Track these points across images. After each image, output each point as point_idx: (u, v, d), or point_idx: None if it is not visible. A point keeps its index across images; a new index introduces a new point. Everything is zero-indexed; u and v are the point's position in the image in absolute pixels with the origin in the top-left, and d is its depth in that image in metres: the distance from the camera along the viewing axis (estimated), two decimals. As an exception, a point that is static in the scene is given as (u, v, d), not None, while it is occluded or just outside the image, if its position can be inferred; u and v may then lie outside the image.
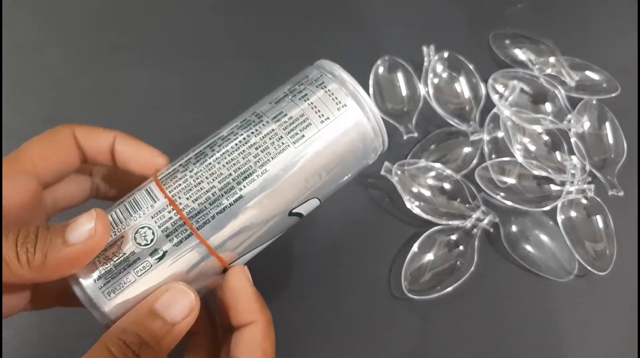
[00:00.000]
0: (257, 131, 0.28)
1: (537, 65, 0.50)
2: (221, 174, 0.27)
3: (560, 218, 0.44)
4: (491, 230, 0.43)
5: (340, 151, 0.29)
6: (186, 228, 0.26)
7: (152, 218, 0.26)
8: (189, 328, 0.24)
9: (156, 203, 0.26)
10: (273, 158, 0.27)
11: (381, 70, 0.49)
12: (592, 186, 0.44)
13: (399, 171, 0.44)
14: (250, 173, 0.27)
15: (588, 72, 0.51)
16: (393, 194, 0.44)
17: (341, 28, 0.53)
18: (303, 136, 0.28)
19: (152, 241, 0.26)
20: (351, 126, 0.28)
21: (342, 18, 0.54)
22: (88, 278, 0.25)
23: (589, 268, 0.43)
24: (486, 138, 0.47)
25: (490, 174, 0.45)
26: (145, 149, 0.30)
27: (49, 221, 0.30)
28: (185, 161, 0.28)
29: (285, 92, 0.29)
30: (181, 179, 0.27)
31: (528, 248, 0.44)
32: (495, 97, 0.47)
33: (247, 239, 0.27)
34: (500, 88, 0.48)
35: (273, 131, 0.28)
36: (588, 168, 0.46)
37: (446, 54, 0.50)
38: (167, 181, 0.27)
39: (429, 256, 0.42)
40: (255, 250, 0.29)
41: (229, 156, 0.27)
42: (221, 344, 0.29)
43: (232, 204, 0.26)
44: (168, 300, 0.24)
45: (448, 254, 0.43)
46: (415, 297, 0.41)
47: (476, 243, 0.43)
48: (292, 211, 0.29)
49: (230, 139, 0.28)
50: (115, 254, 0.25)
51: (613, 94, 0.50)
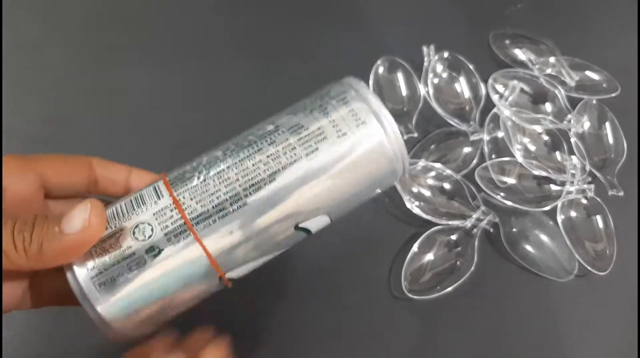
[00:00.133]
0: (271, 141, 0.27)
1: (537, 65, 0.50)
2: (229, 179, 0.26)
3: (560, 218, 0.44)
4: (491, 230, 0.43)
5: (355, 170, 0.27)
6: (186, 229, 0.25)
7: (154, 215, 0.26)
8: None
9: (160, 200, 0.26)
10: (283, 169, 0.26)
11: (381, 70, 0.49)
12: (592, 186, 0.44)
13: (399, 171, 0.44)
14: (257, 181, 0.26)
15: (588, 72, 0.51)
16: (393, 194, 0.44)
17: (341, 28, 0.53)
18: (317, 148, 0.27)
19: (150, 237, 0.25)
20: (369, 145, 0.27)
21: (342, 18, 0.54)
22: (82, 267, 0.25)
23: (589, 268, 0.43)
24: (486, 138, 0.47)
25: (490, 174, 0.45)
26: None
27: None
28: (196, 164, 0.27)
29: (305, 105, 0.28)
30: (189, 181, 0.26)
31: (528, 248, 0.44)
32: (495, 97, 0.47)
33: (248, 248, 0.27)
34: (500, 88, 0.48)
35: (287, 141, 0.27)
36: (588, 168, 0.46)
37: (446, 54, 0.50)
38: (176, 181, 0.27)
39: (429, 256, 0.42)
40: (255, 261, 0.28)
41: (240, 163, 0.27)
42: None
43: (236, 211, 0.26)
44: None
45: (448, 254, 0.43)
46: (415, 297, 0.41)
47: (476, 243, 0.43)
48: (299, 225, 0.27)
49: (243, 146, 0.27)
50: (112, 246, 0.25)
51: (613, 94, 0.50)
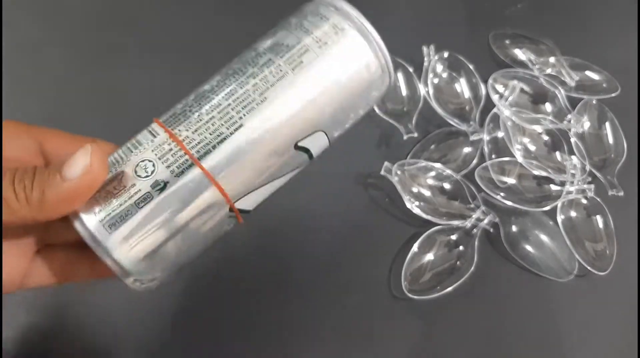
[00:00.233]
0: (254, 62, 0.27)
1: (537, 65, 0.50)
2: (220, 106, 0.26)
3: (560, 218, 0.44)
4: (491, 230, 0.43)
5: (341, 79, 0.28)
6: (187, 159, 0.25)
7: (152, 151, 0.26)
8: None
9: (156, 137, 0.26)
10: (272, 86, 0.26)
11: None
12: (592, 186, 0.44)
13: (399, 171, 0.44)
14: (249, 102, 0.26)
15: (588, 72, 0.51)
16: (393, 194, 0.44)
17: (341, 28, 0.53)
18: (301, 62, 0.27)
19: (153, 172, 0.25)
20: (351, 51, 0.28)
21: (342, 18, 0.54)
22: (89, 213, 0.24)
23: (589, 268, 0.43)
24: (486, 138, 0.47)
25: (490, 174, 0.45)
26: None
27: None
28: (185, 101, 0.27)
29: (282, 26, 0.28)
30: (181, 116, 0.26)
31: (528, 248, 0.44)
32: (495, 97, 0.47)
33: (252, 172, 0.27)
34: (500, 88, 0.48)
35: (270, 60, 0.27)
36: (588, 168, 0.46)
37: (446, 54, 0.50)
38: (168, 119, 0.27)
39: (429, 256, 0.42)
40: (263, 187, 0.27)
41: (227, 88, 0.27)
42: None
43: (233, 134, 0.26)
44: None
45: (448, 254, 0.43)
46: (415, 297, 0.41)
47: (476, 243, 0.43)
48: (298, 144, 0.27)
49: (228, 75, 0.27)
50: (116, 188, 0.25)
51: (613, 94, 0.50)
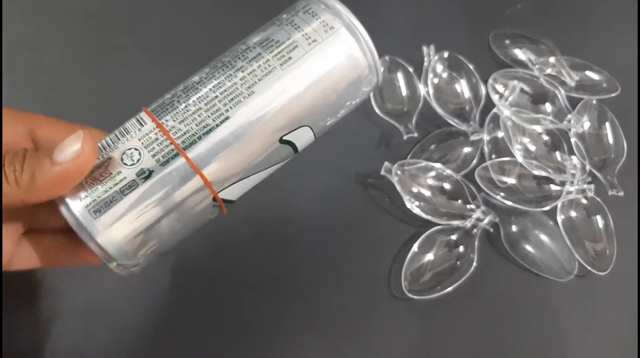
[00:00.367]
0: (243, 56, 0.28)
1: (537, 65, 0.50)
2: (207, 98, 0.27)
3: (560, 218, 0.44)
4: (491, 229, 0.43)
5: (329, 76, 0.28)
6: (173, 149, 0.26)
7: (139, 140, 0.26)
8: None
9: (143, 126, 0.27)
10: (260, 80, 0.27)
11: (381, 70, 0.49)
12: (592, 186, 0.44)
13: (399, 171, 0.44)
14: (236, 95, 0.27)
15: (588, 72, 0.51)
16: (393, 194, 0.44)
17: (341, 28, 0.53)
18: (290, 58, 0.28)
19: (139, 161, 0.26)
20: (340, 49, 0.28)
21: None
22: (75, 198, 0.25)
23: (589, 268, 0.43)
24: (486, 138, 0.47)
25: (490, 174, 0.45)
26: None
27: None
28: (173, 92, 0.28)
29: (273, 22, 0.29)
30: (169, 106, 0.27)
31: (528, 248, 0.44)
32: (495, 97, 0.47)
33: (236, 164, 0.27)
34: (500, 88, 0.48)
35: (259, 54, 0.28)
36: (588, 168, 0.46)
37: (446, 54, 0.50)
38: (157, 109, 0.27)
39: (429, 256, 0.42)
40: (246, 179, 0.28)
41: (215, 81, 0.27)
42: None
43: (219, 126, 0.26)
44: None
45: (448, 254, 0.43)
46: (415, 297, 0.41)
47: (476, 243, 0.43)
48: (283, 138, 0.28)
49: (217, 67, 0.28)
50: (102, 175, 0.25)
51: (613, 94, 0.50)
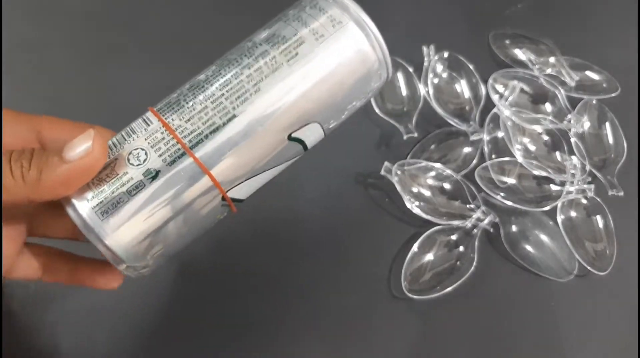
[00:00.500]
0: (250, 53, 0.27)
1: (537, 65, 0.50)
2: (214, 96, 0.26)
3: (560, 218, 0.44)
4: (491, 229, 0.43)
5: (337, 72, 0.27)
6: (180, 148, 0.25)
7: (145, 139, 0.26)
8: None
9: (149, 126, 0.26)
10: (266, 77, 0.27)
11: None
12: (592, 186, 0.44)
13: (399, 171, 0.44)
14: (243, 93, 0.26)
15: (588, 72, 0.51)
16: (393, 194, 0.44)
17: (341, 28, 0.53)
18: (297, 54, 0.27)
19: (145, 161, 0.25)
20: (348, 44, 0.27)
21: (342, 18, 0.54)
22: (81, 199, 0.25)
23: (589, 268, 0.43)
24: (486, 138, 0.47)
25: (490, 174, 0.45)
26: None
27: None
28: (179, 91, 0.27)
29: (279, 18, 0.28)
30: (175, 105, 0.26)
31: (528, 248, 0.44)
32: (495, 97, 0.47)
33: (245, 162, 0.27)
34: (500, 88, 0.48)
35: (266, 51, 0.27)
36: (588, 168, 0.46)
37: (446, 54, 0.50)
38: (163, 108, 0.27)
39: (429, 256, 0.42)
40: (256, 177, 0.28)
41: (222, 79, 0.27)
42: None
43: (226, 124, 0.26)
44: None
45: (448, 254, 0.43)
46: (415, 297, 0.41)
47: (476, 243, 0.43)
48: (292, 135, 0.27)
49: (223, 65, 0.27)
50: (108, 175, 0.25)
51: (613, 94, 0.50)
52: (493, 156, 0.46)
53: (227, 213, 0.28)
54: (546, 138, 0.47)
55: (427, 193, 0.44)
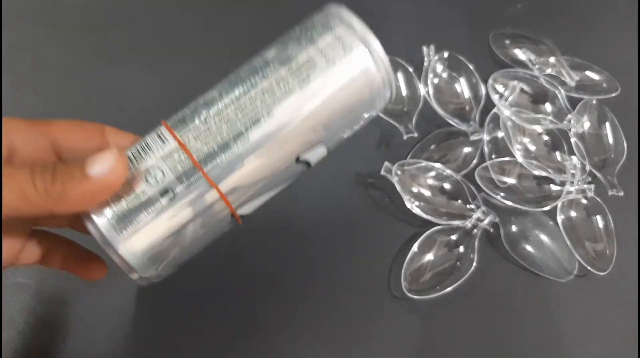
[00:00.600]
0: (264, 75, 0.28)
1: (537, 65, 0.50)
2: (228, 116, 0.27)
3: (560, 218, 0.44)
4: (491, 230, 0.43)
5: (346, 97, 0.28)
6: (196, 170, 0.26)
7: (163, 159, 0.26)
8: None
9: (166, 145, 0.27)
10: (279, 102, 0.27)
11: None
12: (592, 186, 0.44)
13: (399, 171, 0.44)
14: (257, 117, 0.27)
15: (588, 72, 0.51)
16: (393, 194, 0.44)
17: (341, 28, 0.53)
18: (308, 77, 0.28)
19: (163, 181, 0.26)
20: (357, 69, 0.28)
21: (342, 18, 0.54)
22: (101, 216, 0.25)
23: (589, 268, 0.43)
24: (486, 138, 0.47)
25: (490, 174, 0.45)
26: None
27: None
28: (193, 106, 0.28)
29: (291, 37, 0.29)
30: (190, 124, 0.27)
31: (528, 248, 0.44)
32: (495, 97, 0.47)
33: (255, 184, 0.28)
34: (500, 88, 0.48)
35: (279, 74, 0.28)
36: (588, 168, 0.46)
37: (446, 54, 0.50)
38: (177, 125, 0.27)
39: (429, 256, 0.42)
40: (263, 196, 0.29)
41: (237, 101, 0.27)
42: None
43: (240, 147, 0.27)
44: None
45: (448, 254, 0.43)
46: (415, 297, 0.41)
47: (476, 243, 0.43)
48: (300, 158, 0.29)
49: (237, 84, 0.28)
50: (126, 192, 0.26)
51: (613, 94, 0.50)
52: (493, 156, 0.46)
53: (234, 225, 0.29)
54: (546, 138, 0.47)
55: (427, 193, 0.44)
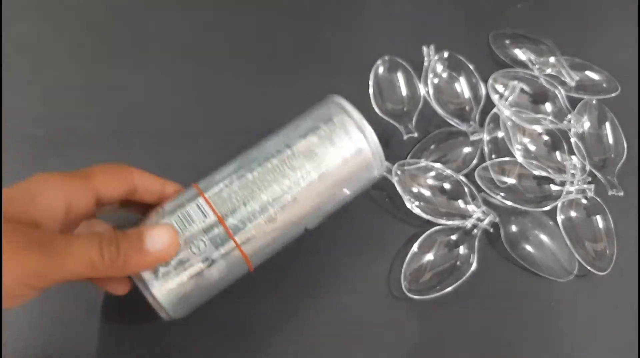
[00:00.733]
0: (290, 164, 0.34)
1: (537, 65, 0.50)
2: (262, 202, 0.33)
3: (560, 218, 0.44)
4: (491, 230, 0.43)
5: (354, 183, 0.37)
6: (231, 243, 0.33)
7: (205, 231, 0.32)
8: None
9: (207, 218, 0.32)
10: (302, 190, 0.34)
11: (381, 70, 0.49)
12: (592, 186, 0.44)
13: (399, 171, 0.44)
14: (283, 202, 0.34)
15: (588, 72, 0.51)
16: (393, 194, 0.44)
17: (341, 28, 0.53)
18: (326, 173, 0.35)
19: (205, 251, 0.32)
20: (365, 167, 0.36)
21: (342, 18, 0.54)
22: (151, 277, 0.31)
23: (589, 268, 0.43)
24: (486, 137, 0.47)
25: (490, 174, 0.45)
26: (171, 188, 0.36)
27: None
28: (229, 181, 0.34)
29: (314, 131, 0.35)
30: (228, 201, 0.33)
31: (528, 248, 0.44)
32: (495, 97, 0.47)
33: (273, 249, 0.35)
34: (500, 88, 0.48)
35: (304, 167, 0.34)
36: (588, 168, 0.46)
37: (446, 54, 0.50)
38: (215, 199, 0.33)
39: (429, 257, 0.42)
40: (273, 253, 0.36)
41: (270, 188, 0.33)
42: None
43: (267, 224, 0.33)
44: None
45: (448, 254, 0.43)
46: (415, 297, 0.41)
47: (476, 243, 0.43)
48: (307, 227, 0.36)
49: (267, 167, 0.34)
50: (173, 258, 0.31)
51: (613, 94, 0.50)
52: (493, 156, 0.46)
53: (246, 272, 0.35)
54: (546, 138, 0.47)
55: (427, 193, 0.44)
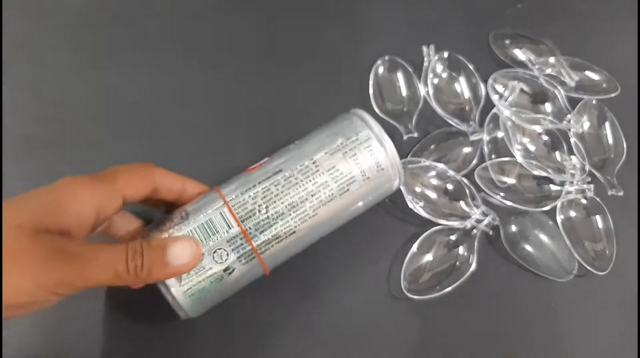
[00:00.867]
0: (314, 181, 0.35)
1: (537, 65, 0.50)
2: (283, 215, 0.34)
3: (559, 218, 0.44)
4: (491, 231, 0.43)
5: (370, 201, 0.38)
6: (253, 254, 0.34)
7: (228, 242, 0.33)
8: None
9: (231, 229, 0.33)
10: (323, 205, 0.35)
11: (381, 70, 0.49)
12: (592, 186, 0.44)
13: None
14: (305, 216, 0.35)
15: (588, 72, 0.51)
16: (393, 194, 0.44)
17: (341, 28, 0.53)
18: (348, 189, 0.36)
19: (226, 260, 0.33)
20: (385, 184, 0.37)
21: (342, 18, 0.54)
22: (175, 285, 0.32)
23: (589, 268, 0.43)
24: (486, 137, 0.47)
25: (490, 174, 0.45)
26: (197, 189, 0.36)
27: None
28: (254, 194, 0.34)
29: (338, 147, 0.36)
30: (252, 214, 0.34)
31: (528, 248, 0.44)
32: (495, 97, 0.47)
33: (288, 255, 0.36)
34: (500, 88, 0.48)
35: (326, 182, 0.35)
36: (588, 168, 0.46)
37: (446, 54, 0.50)
38: (239, 210, 0.34)
39: (428, 257, 0.42)
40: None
41: (290, 199, 0.34)
42: None
43: (288, 237, 0.35)
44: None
45: (447, 254, 0.43)
46: (414, 297, 0.41)
47: (476, 243, 0.43)
48: (321, 237, 0.37)
49: (291, 182, 0.35)
50: (197, 266, 0.33)
51: (613, 94, 0.49)
52: (493, 156, 0.46)
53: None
54: (546, 138, 0.47)
55: (429, 193, 0.44)
